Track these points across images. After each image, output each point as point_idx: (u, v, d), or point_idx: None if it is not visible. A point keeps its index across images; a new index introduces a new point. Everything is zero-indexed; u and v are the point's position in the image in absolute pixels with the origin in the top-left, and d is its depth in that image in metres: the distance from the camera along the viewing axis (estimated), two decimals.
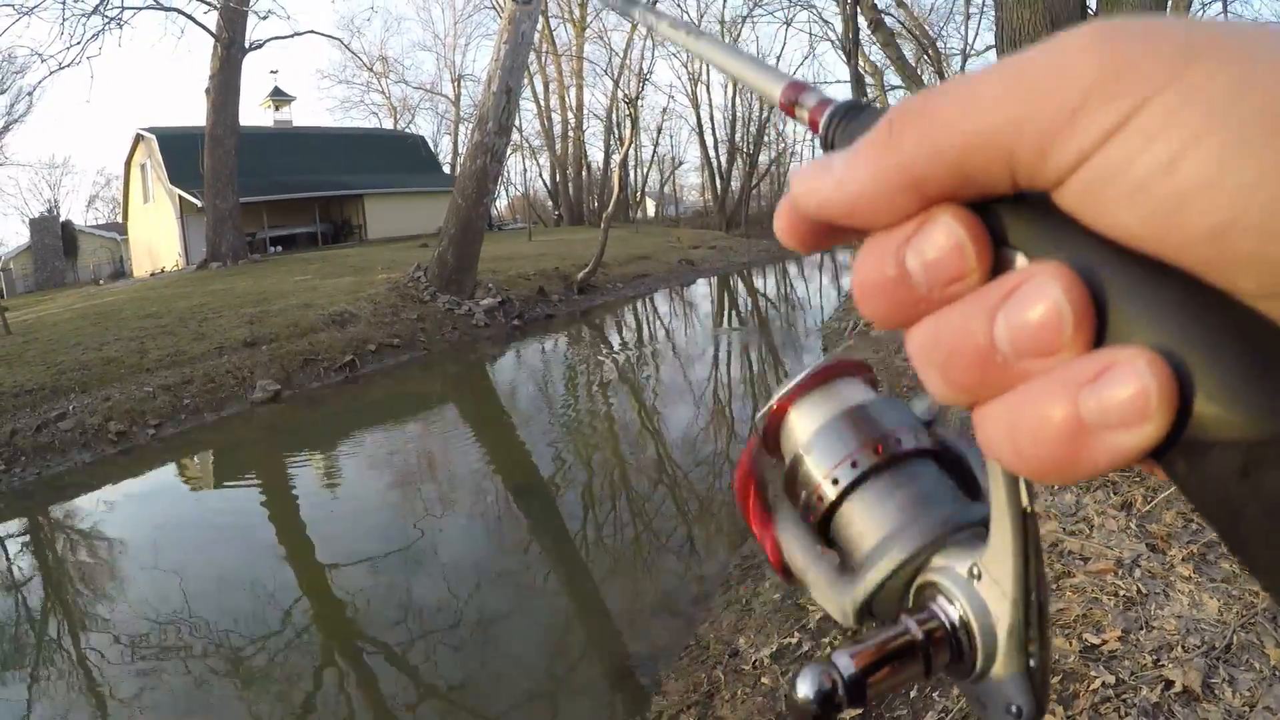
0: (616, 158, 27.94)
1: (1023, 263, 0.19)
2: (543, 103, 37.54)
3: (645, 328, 13.07)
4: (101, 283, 23.54)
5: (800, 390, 0.32)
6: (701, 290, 17.37)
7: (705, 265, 20.16)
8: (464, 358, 10.64)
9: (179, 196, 22.47)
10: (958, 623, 0.26)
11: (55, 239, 28.50)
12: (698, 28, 0.39)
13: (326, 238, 26.21)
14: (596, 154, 38.08)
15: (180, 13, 18.33)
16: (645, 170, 39.46)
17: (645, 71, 34.47)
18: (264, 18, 19.71)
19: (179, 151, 22.46)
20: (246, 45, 18.10)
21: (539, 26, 18.24)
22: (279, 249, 23.78)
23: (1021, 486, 0.24)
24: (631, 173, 35.73)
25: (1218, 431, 0.16)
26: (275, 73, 31.83)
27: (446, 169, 31.91)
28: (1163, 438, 0.16)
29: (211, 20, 17.68)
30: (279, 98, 30.90)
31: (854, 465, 0.29)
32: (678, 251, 20.89)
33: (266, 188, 23.16)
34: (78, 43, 17.96)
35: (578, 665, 3.34)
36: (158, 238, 24.76)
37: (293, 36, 21.57)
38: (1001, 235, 0.19)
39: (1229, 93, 0.15)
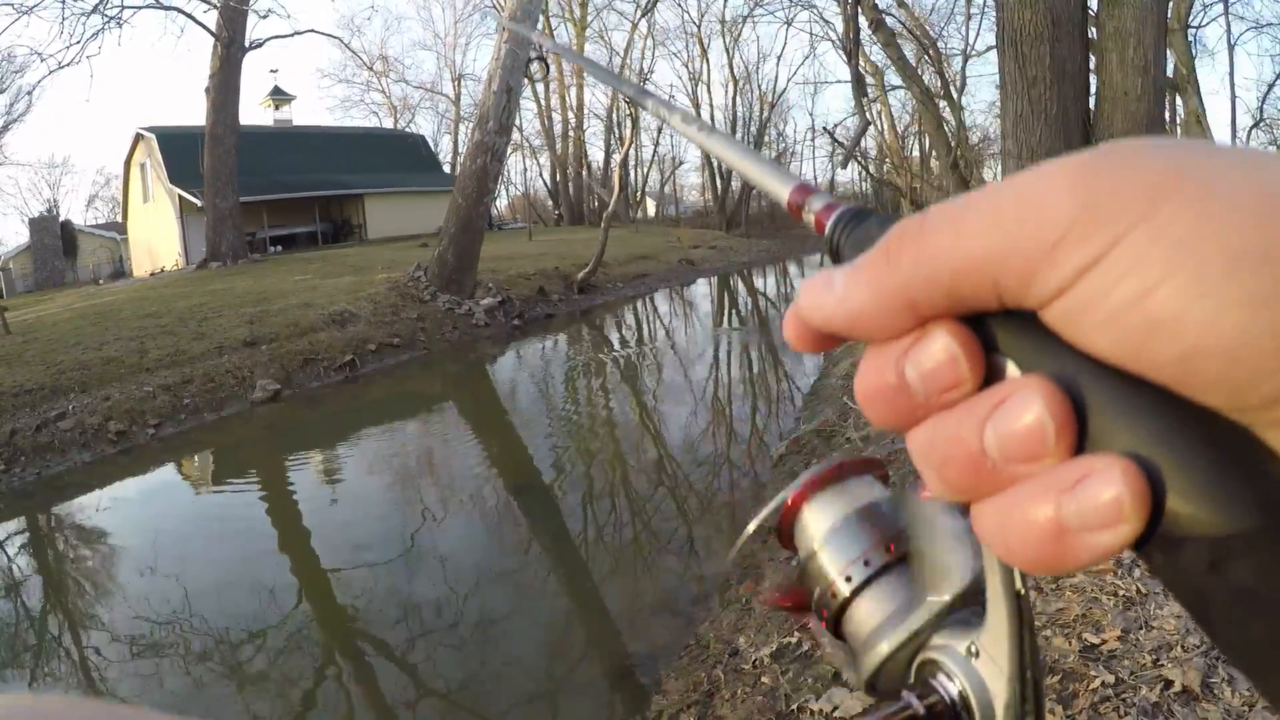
0: (617, 157, 27.94)
1: (1013, 370, 0.21)
2: (543, 102, 37.55)
3: (645, 327, 13.07)
4: (101, 282, 23.54)
5: (813, 487, 0.33)
6: (701, 290, 17.37)
7: (705, 265, 20.16)
8: (464, 357, 10.64)
9: (179, 196, 22.47)
10: (957, 698, 0.27)
11: (55, 239, 28.48)
12: (709, 124, 0.40)
13: (326, 237, 26.21)
14: (597, 153, 38.09)
15: (180, 11, 18.33)
16: (646, 170, 39.49)
17: (646, 71, 34.47)
18: (264, 16, 19.72)
19: (179, 151, 22.46)
20: (246, 44, 18.10)
21: (539, 26, 18.24)
22: (279, 248, 23.78)
23: (1015, 572, 0.25)
24: (632, 172, 35.75)
25: (1188, 528, 0.17)
26: (275, 72, 31.85)
27: (447, 168, 31.91)
28: (1137, 537, 0.18)
29: (211, 19, 17.69)
30: (279, 97, 30.89)
31: (867, 564, 0.30)
32: (678, 251, 20.90)
33: (266, 187, 23.16)
34: (77, 42, 17.98)
35: (578, 665, 3.34)
36: (157, 237, 24.76)
37: (293, 35, 21.58)
38: (992, 344, 0.21)
39: (1192, 233, 0.17)
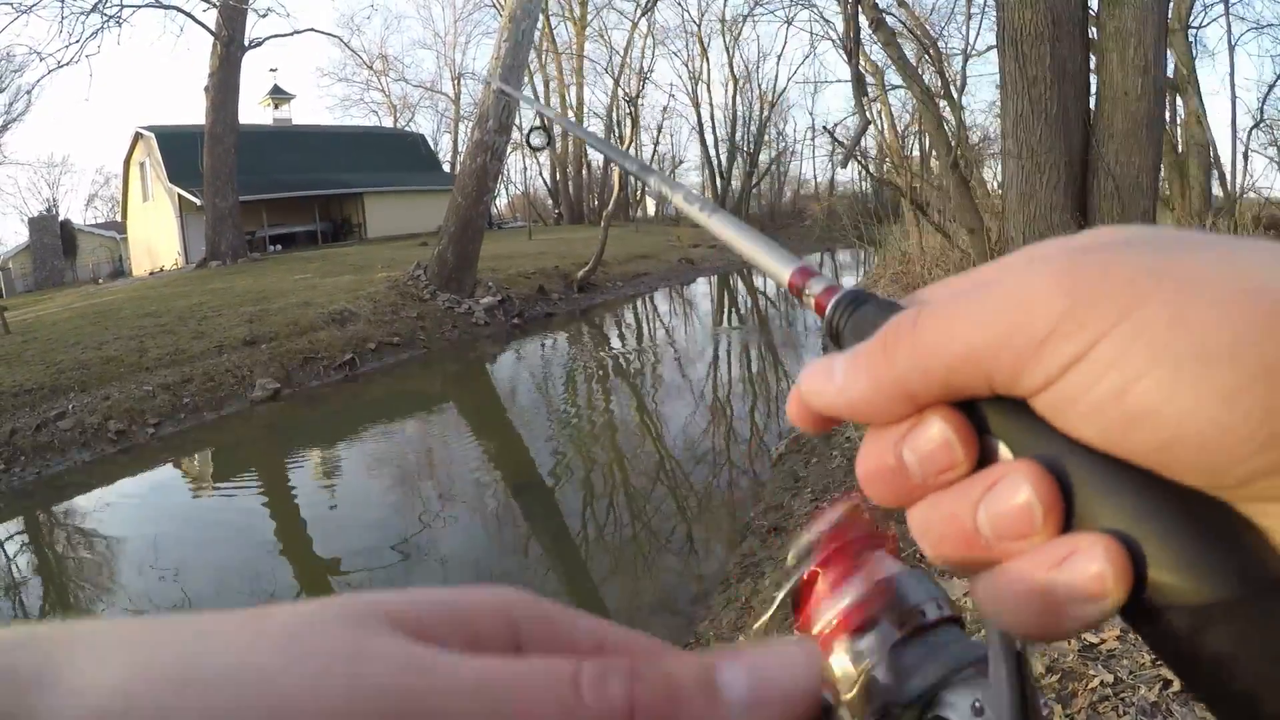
0: None
1: (1005, 451, 0.22)
2: (543, 101, 37.54)
3: (645, 326, 13.07)
4: (100, 282, 23.52)
5: (828, 564, 0.34)
6: (701, 289, 17.37)
7: (705, 264, 20.15)
8: (464, 356, 10.64)
9: (178, 195, 22.46)
10: None
11: (54, 238, 28.45)
12: (711, 204, 0.41)
13: (326, 236, 26.21)
14: (596, 152, 38.01)
15: (179, 10, 18.32)
16: None
17: (646, 70, 34.46)
18: (263, 15, 19.70)
19: (178, 150, 22.44)
20: (246, 43, 18.08)
21: (539, 25, 18.22)
22: (278, 247, 23.76)
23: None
24: None
25: (1169, 598, 0.19)
26: (275, 71, 31.67)
27: (446, 167, 31.90)
28: (1120, 607, 0.19)
29: (211, 18, 17.68)
30: (278, 96, 30.85)
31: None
32: (677, 250, 20.89)
33: (266, 186, 23.15)
34: (76, 41, 17.97)
35: None
36: (157, 236, 24.75)
37: (292, 34, 21.56)
38: (985, 427, 0.22)
39: (1168, 331, 0.18)
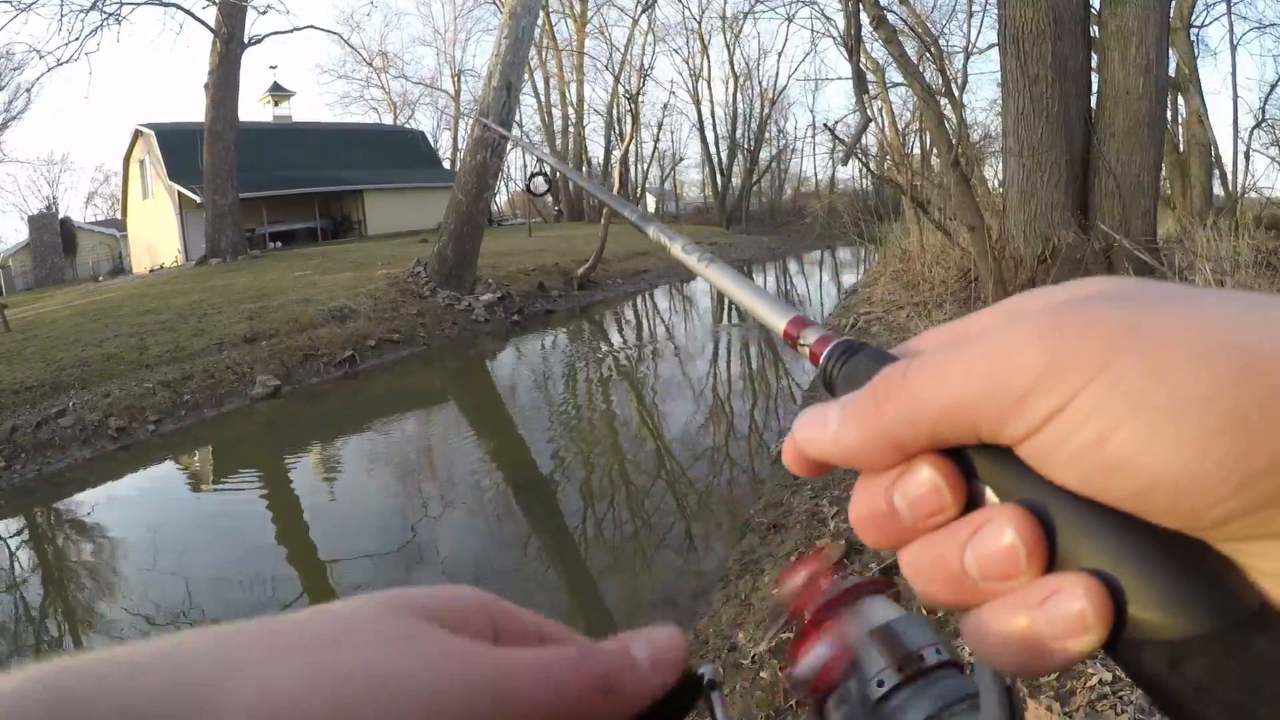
0: (617, 153, 27.92)
1: (991, 496, 0.23)
2: (543, 98, 37.51)
3: (645, 324, 13.07)
4: (100, 279, 23.52)
5: (829, 609, 0.35)
6: (701, 286, 17.35)
7: None
8: (464, 353, 10.64)
9: (178, 192, 22.45)
10: None
11: (54, 236, 28.44)
12: (707, 254, 0.41)
13: (326, 233, 26.19)
14: (597, 150, 38.03)
15: (179, 8, 18.28)
16: (646, 166, 39.42)
17: (646, 67, 34.40)
18: (263, 13, 19.65)
19: (178, 147, 22.43)
20: (245, 40, 18.05)
21: (540, 22, 18.21)
22: (278, 245, 23.73)
23: None
24: (632, 169, 35.69)
25: (1149, 633, 0.19)
26: (274, 68, 31.62)
27: (446, 164, 31.89)
28: (1102, 643, 0.20)
29: (210, 15, 17.65)
30: (278, 93, 30.82)
31: (880, 684, 0.31)
32: None
33: (266, 183, 23.13)
34: (76, 39, 17.91)
35: None
36: (157, 234, 24.74)
37: (292, 31, 21.59)
38: (972, 472, 0.23)
39: (1143, 385, 0.19)
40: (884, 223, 13.34)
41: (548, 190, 1.30)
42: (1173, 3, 8.17)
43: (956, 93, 10.09)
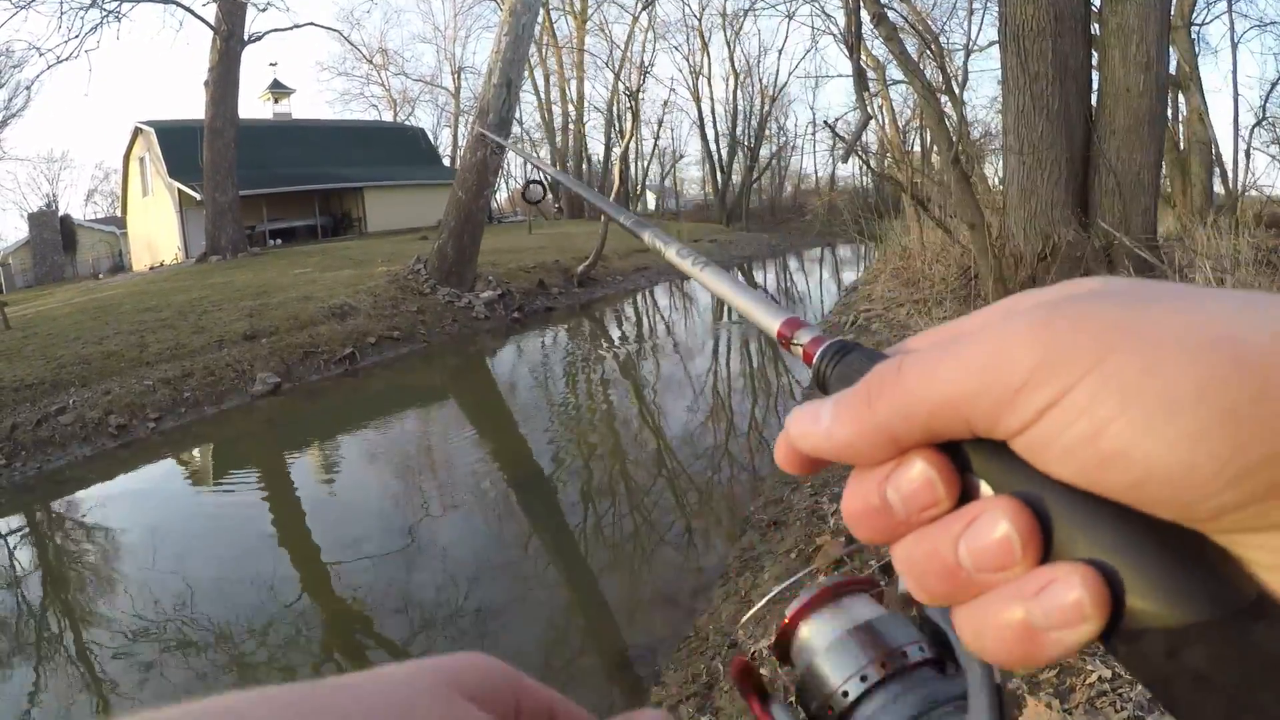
0: (617, 151, 27.87)
1: (985, 489, 0.23)
2: (543, 95, 37.49)
3: (645, 321, 13.07)
4: (100, 277, 23.51)
5: (811, 606, 0.35)
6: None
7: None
8: (464, 350, 10.65)
9: (178, 190, 22.43)
10: None
11: (54, 233, 28.42)
12: (702, 258, 0.42)
13: (326, 231, 26.17)
14: (597, 147, 38.02)
15: (179, 5, 18.27)
16: (646, 163, 39.40)
17: (646, 64, 34.36)
18: (263, 10, 19.67)
19: (178, 145, 22.41)
20: (245, 38, 18.03)
21: (540, 19, 18.18)
22: (278, 242, 23.73)
23: (994, 668, 0.28)
24: (632, 166, 35.67)
25: (1146, 622, 0.19)
26: (274, 65, 31.62)
27: (446, 162, 31.87)
28: (1099, 633, 0.20)
29: (210, 13, 17.63)
30: (278, 90, 30.77)
31: (863, 680, 0.32)
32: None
33: (266, 180, 23.11)
34: (75, 36, 17.99)
35: (577, 656, 3.35)
36: (157, 231, 24.72)
37: (292, 29, 21.51)
38: (966, 465, 0.23)
39: (1136, 379, 0.19)
40: (884, 220, 13.33)
41: (543, 198, 1.30)
42: (1173, 0, 8.16)
43: (957, 90, 10.07)
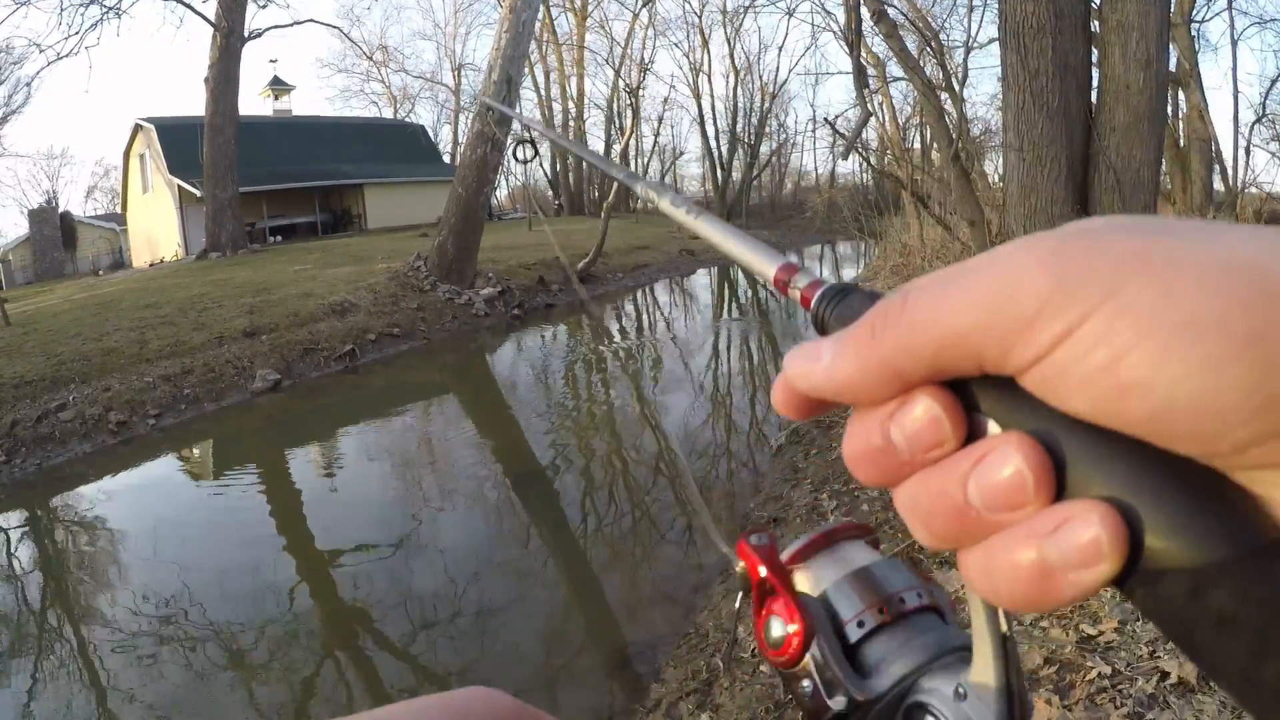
0: (617, 147, 27.85)
1: (994, 428, 0.22)
2: (544, 92, 37.43)
3: (645, 317, 13.07)
4: (101, 273, 23.50)
5: (806, 552, 0.34)
6: (701, 280, 17.35)
7: (705, 256, 20.10)
8: (464, 347, 10.65)
9: (178, 186, 22.40)
10: None
11: (54, 230, 28.39)
12: (697, 207, 0.41)
13: (326, 227, 26.14)
14: (598, 144, 37.95)
15: (179, 1, 18.23)
16: (646, 160, 39.32)
17: (646, 61, 34.35)
18: (263, 6, 19.63)
19: (178, 141, 22.37)
20: (246, 34, 17.99)
21: (540, 16, 18.15)
22: (278, 239, 23.71)
23: (1000, 614, 0.27)
24: (632, 162, 35.60)
25: (1166, 562, 0.19)
26: (275, 62, 31.66)
27: (446, 158, 31.81)
28: (1117, 573, 0.19)
29: (210, 9, 17.58)
30: (278, 87, 30.76)
31: (860, 625, 0.31)
32: (678, 242, 20.84)
33: (266, 177, 23.09)
34: (76, 33, 17.87)
35: (577, 653, 3.35)
36: (157, 228, 24.70)
37: (292, 25, 21.50)
38: (974, 404, 0.22)
39: (1157, 305, 0.18)
40: (884, 217, 13.35)
41: (534, 157, 1.31)
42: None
43: (957, 87, 10.06)
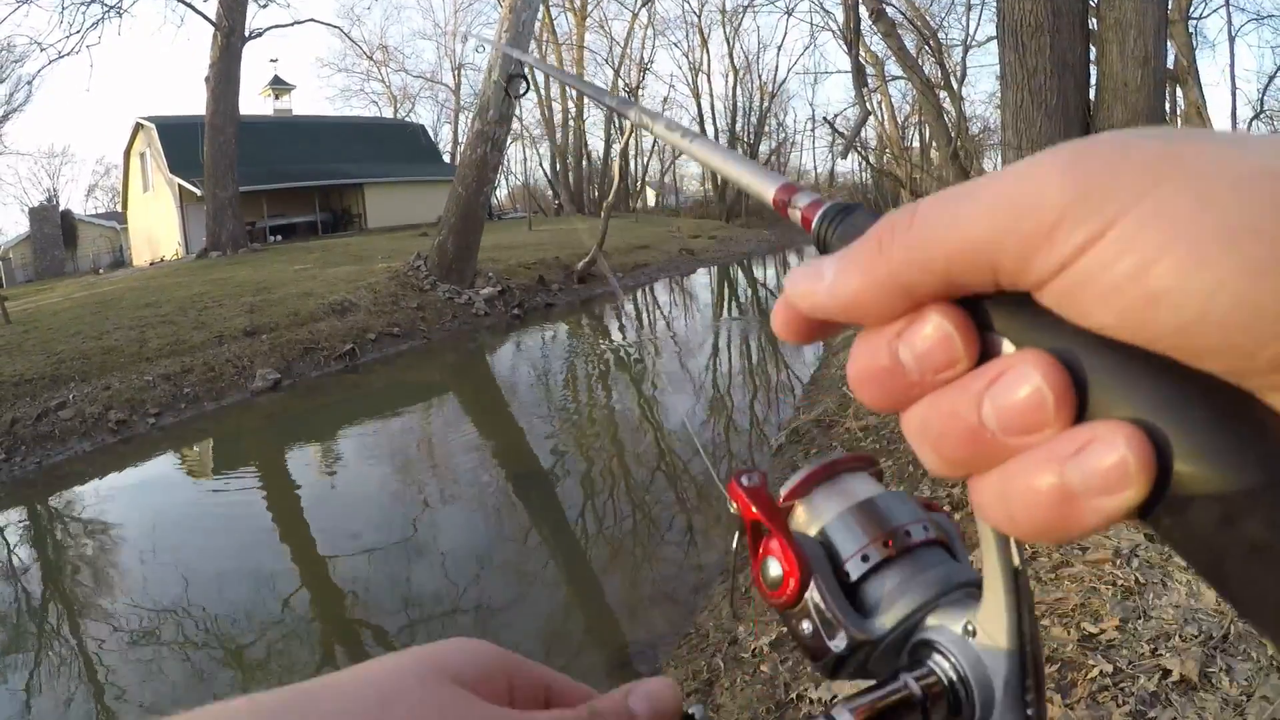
0: (617, 147, 27.83)
1: (1008, 347, 0.20)
2: (543, 92, 37.39)
3: (645, 317, 13.06)
4: (101, 272, 23.49)
5: (808, 484, 0.33)
6: (701, 280, 17.34)
7: (705, 255, 20.12)
8: (464, 346, 10.64)
9: (179, 185, 22.40)
10: (955, 678, 0.27)
11: (55, 228, 28.39)
12: (692, 131, 0.41)
13: (326, 227, 26.13)
14: (597, 143, 37.97)
15: (180, 0, 18.23)
16: (646, 160, 39.34)
17: (646, 61, 34.34)
18: (264, 6, 19.62)
19: (179, 140, 22.37)
20: (246, 33, 17.99)
21: (539, 16, 18.12)
22: (279, 238, 23.71)
23: (1012, 547, 0.26)
24: (632, 162, 35.65)
25: (1196, 488, 0.17)
26: (275, 61, 31.66)
27: (446, 158, 31.81)
28: (1144, 499, 0.18)
29: (211, 8, 17.58)
30: (279, 86, 30.76)
31: (864, 559, 0.30)
32: (678, 241, 20.86)
33: (266, 176, 23.09)
34: (77, 31, 17.90)
35: (578, 653, 3.35)
36: (157, 227, 24.70)
37: (293, 25, 21.53)
38: (987, 323, 0.21)
39: (1189, 210, 0.17)
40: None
41: (526, 91, 1.29)
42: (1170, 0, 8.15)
43: (955, 86, 10.07)
